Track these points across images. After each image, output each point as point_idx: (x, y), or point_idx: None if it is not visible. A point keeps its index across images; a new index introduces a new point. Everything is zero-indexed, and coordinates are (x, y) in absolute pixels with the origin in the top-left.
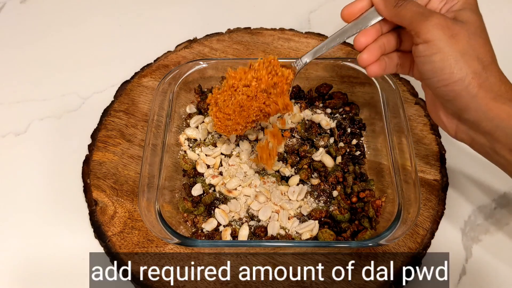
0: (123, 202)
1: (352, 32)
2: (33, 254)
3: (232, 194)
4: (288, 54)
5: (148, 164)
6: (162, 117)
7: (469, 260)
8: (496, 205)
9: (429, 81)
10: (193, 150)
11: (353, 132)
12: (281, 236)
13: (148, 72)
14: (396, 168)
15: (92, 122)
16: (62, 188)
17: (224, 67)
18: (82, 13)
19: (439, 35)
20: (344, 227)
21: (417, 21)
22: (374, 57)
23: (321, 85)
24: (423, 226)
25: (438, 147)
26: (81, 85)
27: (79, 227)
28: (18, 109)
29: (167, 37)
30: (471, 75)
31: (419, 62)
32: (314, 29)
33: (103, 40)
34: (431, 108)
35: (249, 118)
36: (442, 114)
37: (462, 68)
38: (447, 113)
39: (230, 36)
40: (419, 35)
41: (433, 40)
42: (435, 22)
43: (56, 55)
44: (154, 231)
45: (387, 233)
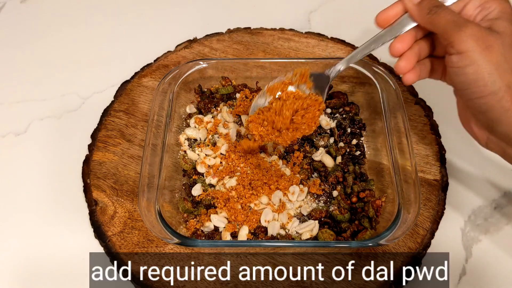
0: (123, 202)
1: (386, 39)
2: (33, 254)
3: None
4: (288, 54)
5: (148, 164)
6: (162, 117)
7: (469, 260)
8: (496, 205)
9: (461, 92)
10: (193, 150)
11: (353, 132)
12: (281, 236)
13: (148, 72)
14: (396, 168)
15: (92, 122)
16: (62, 188)
17: (224, 67)
18: (82, 13)
19: (473, 46)
20: (344, 227)
21: (451, 31)
22: (411, 64)
23: None
24: (423, 226)
25: (438, 147)
26: (81, 85)
27: (79, 227)
28: (18, 109)
29: (167, 37)
30: (504, 89)
31: (452, 73)
32: (314, 29)
33: (103, 40)
34: (462, 117)
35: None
36: (473, 124)
37: (496, 81)
38: (478, 124)
39: (230, 36)
40: (453, 45)
41: (467, 51)
42: (470, 33)
43: (56, 55)
44: (154, 231)
45: (387, 233)
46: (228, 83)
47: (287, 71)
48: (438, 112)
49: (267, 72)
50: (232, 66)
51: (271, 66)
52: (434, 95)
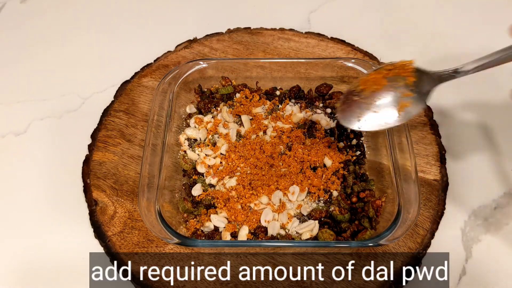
0: (123, 202)
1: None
2: (33, 254)
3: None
4: (288, 54)
5: (148, 164)
6: (162, 117)
7: (469, 260)
8: (496, 205)
9: None
10: (193, 150)
11: (353, 132)
12: (281, 236)
13: (148, 72)
14: (396, 168)
15: (92, 122)
16: (62, 188)
17: (224, 67)
18: (82, 13)
19: None
20: (344, 227)
21: None
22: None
23: (321, 85)
24: (423, 226)
25: (438, 147)
26: (81, 85)
27: (79, 227)
28: (18, 109)
29: (167, 37)
30: None
31: None
32: (314, 29)
33: (103, 40)
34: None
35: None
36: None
37: None
38: None
39: (230, 36)
40: None
41: None
42: None
43: (56, 55)
44: (154, 231)
45: (387, 233)
46: (228, 83)
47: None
48: (438, 112)
49: (267, 72)
50: (232, 66)
51: (271, 66)
52: (434, 95)
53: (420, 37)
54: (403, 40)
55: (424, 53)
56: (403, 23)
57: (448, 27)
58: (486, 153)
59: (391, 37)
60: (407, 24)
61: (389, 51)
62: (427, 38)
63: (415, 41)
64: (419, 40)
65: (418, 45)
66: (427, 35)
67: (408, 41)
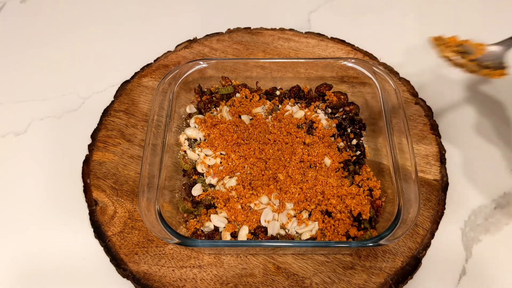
0: (123, 202)
1: None
2: (33, 254)
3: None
4: (288, 54)
5: (148, 164)
6: (162, 117)
7: (469, 260)
8: (496, 205)
9: None
10: (193, 150)
11: (353, 132)
12: (281, 236)
13: (148, 72)
14: (396, 168)
15: (92, 122)
16: (62, 188)
17: (224, 67)
18: (82, 13)
19: None
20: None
21: None
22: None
23: (321, 85)
24: (423, 226)
25: (438, 147)
26: (81, 85)
27: (79, 227)
28: (18, 109)
29: (167, 37)
30: None
31: None
32: (314, 29)
33: (103, 40)
34: None
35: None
36: None
37: None
38: None
39: (230, 36)
40: None
41: None
42: None
43: (56, 55)
44: (154, 231)
45: (387, 233)
46: (228, 83)
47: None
48: (438, 112)
49: (267, 72)
50: (232, 66)
51: (271, 66)
52: (434, 95)
53: (420, 37)
54: (403, 40)
55: (424, 53)
56: (403, 23)
57: (449, 27)
58: (486, 153)
59: (391, 37)
60: (407, 24)
61: (389, 51)
62: (427, 38)
63: (415, 41)
64: (419, 40)
65: (418, 45)
66: (427, 35)
67: (408, 41)
